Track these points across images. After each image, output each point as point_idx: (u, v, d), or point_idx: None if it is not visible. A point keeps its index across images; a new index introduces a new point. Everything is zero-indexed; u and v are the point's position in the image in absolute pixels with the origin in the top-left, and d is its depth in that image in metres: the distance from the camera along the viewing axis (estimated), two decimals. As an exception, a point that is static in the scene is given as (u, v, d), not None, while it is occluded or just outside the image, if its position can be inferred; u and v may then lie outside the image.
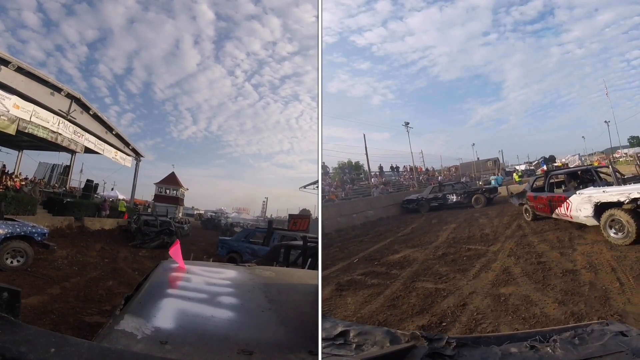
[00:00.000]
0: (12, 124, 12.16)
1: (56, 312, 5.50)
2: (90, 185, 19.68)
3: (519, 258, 6.25)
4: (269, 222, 12.56)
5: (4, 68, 11.72)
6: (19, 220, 8.52)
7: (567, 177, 9.46)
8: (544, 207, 8.94)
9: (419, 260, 6.88)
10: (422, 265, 6.46)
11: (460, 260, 6.49)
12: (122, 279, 8.18)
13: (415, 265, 6.57)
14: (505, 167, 21.97)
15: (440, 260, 6.64)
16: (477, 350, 1.05)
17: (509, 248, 7.01)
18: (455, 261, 6.49)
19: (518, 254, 6.52)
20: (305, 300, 1.95)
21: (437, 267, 6.26)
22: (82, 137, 16.35)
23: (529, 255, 6.38)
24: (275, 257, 6.95)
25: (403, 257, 7.20)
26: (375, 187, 17.82)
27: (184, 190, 29.23)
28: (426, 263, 6.61)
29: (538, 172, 14.86)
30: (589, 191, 7.28)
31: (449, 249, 7.45)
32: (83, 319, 5.33)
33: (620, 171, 8.92)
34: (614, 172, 8.10)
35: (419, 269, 6.25)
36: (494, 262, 6.16)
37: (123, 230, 16.10)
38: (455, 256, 6.86)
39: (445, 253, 7.17)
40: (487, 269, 5.80)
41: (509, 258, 6.33)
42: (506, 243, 7.45)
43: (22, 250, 7.71)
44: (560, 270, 5.24)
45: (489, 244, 7.52)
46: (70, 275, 8.04)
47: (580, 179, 9.08)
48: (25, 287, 6.36)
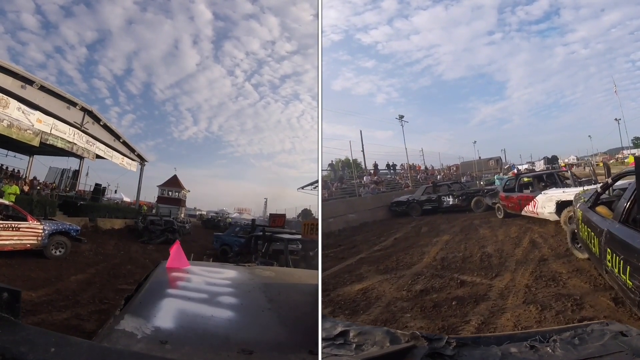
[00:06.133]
0: (36, 137, 13.90)
1: (97, 283, 7.61)
2: (98, 188, 20.90)
3: (543, 308, 3.95)
4: (253, 220, 16.17)
5: (29, 87, 13.36)
6: (57, 220, 10.78)
7: (534, 180, 10.34)
8: (514, 205, 10.04)
9: (383, 299, 4.82)
10: (384, 311, 4.41)
11: (446, 307, 4.34)
12: (137, 264, 10.30)
13: (375, 309, 4.50)
14: (507, 167, 21.88)
15: (415, 305, 4.48)
16: (477, 350, 1.05)
17: (524, 284, 4.80)
18: (438, 308, 4.33)
19: (540, 298, 4.28)
20: (305, 300, 1.95)
21: (406, 318, 4.15)
22: (93, 145, 17.76)
23: (559, 302, 4.09)
24: (250, 245, 9.49)
25: (363, 291, 5.18)
26: (365, 186, 16.22)
27: (185, 192, 29.50)
28: (392, 307, 4.50)
29: (509, 174, 14.76)
30: (552, 192, 8.62)
31: (432, 281, 5.35)
32: (118, 287, 7.29)
33: (577, 175, 10.81)
34: (572, 175, 9.86)
35: (377, 319, 4.19)
36: (500, 315, 3.97)
37: (131, 229, 17.68)
38: (439, 296, 4.68)
39: (426, 288, 5.03)
40: (489, 329, 3.70)
41: (527, 307, 4.06)
42: (518, 273, 5.32)
43: (63, 242, 9.69)
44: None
45: (492, 274, 5.40)
46: (97, 262, 10.11)
47: (545, 181, 10.20)
48: (70, 269, 8.62)
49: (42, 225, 9.19)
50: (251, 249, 9.31)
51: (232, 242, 12.45)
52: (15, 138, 13.04)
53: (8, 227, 8.51)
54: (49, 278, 7.43)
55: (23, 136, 13.24)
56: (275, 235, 8.69)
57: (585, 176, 11.87)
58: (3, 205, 9.15)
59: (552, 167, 18.12)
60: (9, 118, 12.50)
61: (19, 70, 12.94)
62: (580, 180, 9.85)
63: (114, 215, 18.49)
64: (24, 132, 13.26)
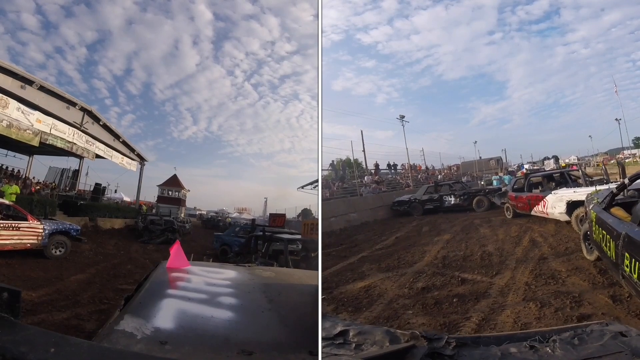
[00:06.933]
0: (36, 137, 13.85)
1: (98, 283, 7.60)
2: (98, 188, 20.87)
3: (542, 305, 4.02)
4: (253, 220, 15.80)
5: (29, 87, 13.33)
6: (57, 220, 10.74)
7: (543, 179, 10.16)
8: (523, 205, 9.82)
9: (386, 296, 4.90)
10: (386, 308, 4.47)
11: (447, 304, 4.42)
12: (137, 264, 10.29)
13: (378, 306, 4.57)
14: (507, 166, 21.88)
15: (417, 302, 4.56)
16: (477, 350, 1.05)
17: (524, 282, 4.89)
18: (439, 305, 4.40)
19: (539, 295, 4.36)
20: (305, 300, 1.95)
21: (408, 315, 4.22)
22: (93, 145, 17.75)
23: (559, 299, 4.15)
24: (250, 245, 9.55)
25: (366, 289, 5.28)
26: (366, 186, 16.32)
27: (185, 191, 29.49)
28: (394, 304, 4.58)
29: (518, 174, 14.72)
30: (562, 191, 8.40)
31: (434, 279, 5.40)
32: (118, 287, 7.27)
33: (588, 174, 10.41)
34: (583, 175, 9.48)
35: (380, 316, 4.26)
36: (500, 312, 4.04)
37: (131, 229, 17.66)
38: (440, 294, 4.76)
39: (427, 286, 5.09)
40: (489, 325, 3.76)
41: (526, 304, 4.14)
42: (518, 271, 5.40)
43: (63, 242, 9.67)
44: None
45: (492, 272, 5.48)
46: (98, 261, 10.09)
47: (556, 181, 9.98)
48: (70, 269, 8.60)
49: (42, 225, 9.20)
50: (251, 249, 9.37)
51: (232, 242, 12.46)
52: (15, 138, 13.05)
53: (8, 226, 8.52)
54: (49, 278, 7.44)
55: (23, 136, 13.25)
56: (275, 235, 8.74)
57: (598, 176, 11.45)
58: (4, 205, 9.15)
59: (559, 166, 17.93)
60: (8, 118, 12.50)
61: (19, 71, 12.94)
62: (592, 179, 9.55)
63: (114, 215, 18.46)
64: (24, 132, 13.27)
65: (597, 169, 17.14)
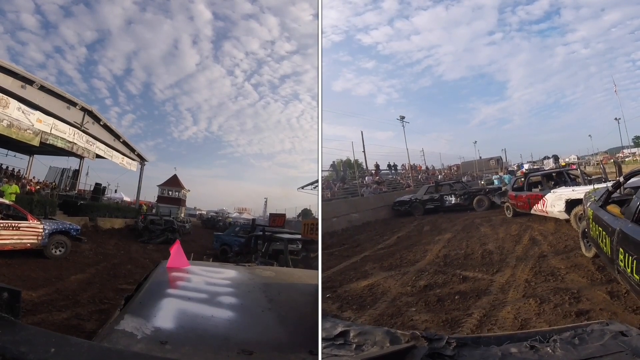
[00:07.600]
0: (36, 137, 13.91)
1: (98, 283, 7.57)
2: (99, 188, 20.86)
3: (542, 301, 4.09)
4: (253, 220, 15.83)
5: (29, 87, 13.33)
6: (57, 220, 10.70)
7: (543, 178, 10.30)
8: (523, 204, 9.90)
9: (389, 294, 5.00)
10: (390, 306, 4.56)
11: (449, 301, 4.49)
12: (137, 264, 10.29)
13: (381, 304, 4.66)
14: (507, 166, 21.88)
15: (420, 299, 4.66)
16: (477, 351, 1.05)
17: (524, 279, 4.96)
18: (441, 302, 4.49)
19: (539, 292, 4.41)
20: (305, 300, 1.95)
21: (411, 312, 4.30)
22: (93, 145, 17.79)
23: (558, 296, 4.21)
24: (250, 244, 9.57)
25: (369, 287, 5.36)
26: (367, 186, 16.40)
27: (185, 191, 29.49)
28: (398, 302, 4.67)
29: (518, 173, 14.75)
30: (561, 190, 8.45)
31: (436, 277, 5.48)
32: (118, 286, 7.28)
33: (588, 173, 10.55)
34: (582, 174, 9.68)
35: (384, 313, 4.35)
36: (501, 308, 4.11)
37: (131, 229, 17.66)
38: (442, 291, 4.83)
39: (429, 284, 5.18)
40: (490, 321, 3.81)
41: (526, 300, 4.20)
42: (518, 269, 5.46)
43: (63, 242, 9.64)
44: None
45: (493, 270, 5.55)
46: (98, 261, 10.08)
47: (555, 180, 10.11)
48: (70, 269, 8.57)
49: (42, 225, 9.20)
50: (251, 248, 9.35)
51: (232, 242, 12.46)
52: (15, 138, 13.06)
53: (8, 226, 8.52)
54: (49, 278, 7.43)
55: (23, 136, 13.28)
56: (275, 235, 8.72)
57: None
58: (4, 204, 9.13)
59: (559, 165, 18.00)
60: (9, 118, 12.51)
61: (19, 70, 12.94)
62: (590, 178, 9.59)
63: (114, 214, 18.46)
64: (24, 132, 13.30)
65: (597, 168, 17.17)
